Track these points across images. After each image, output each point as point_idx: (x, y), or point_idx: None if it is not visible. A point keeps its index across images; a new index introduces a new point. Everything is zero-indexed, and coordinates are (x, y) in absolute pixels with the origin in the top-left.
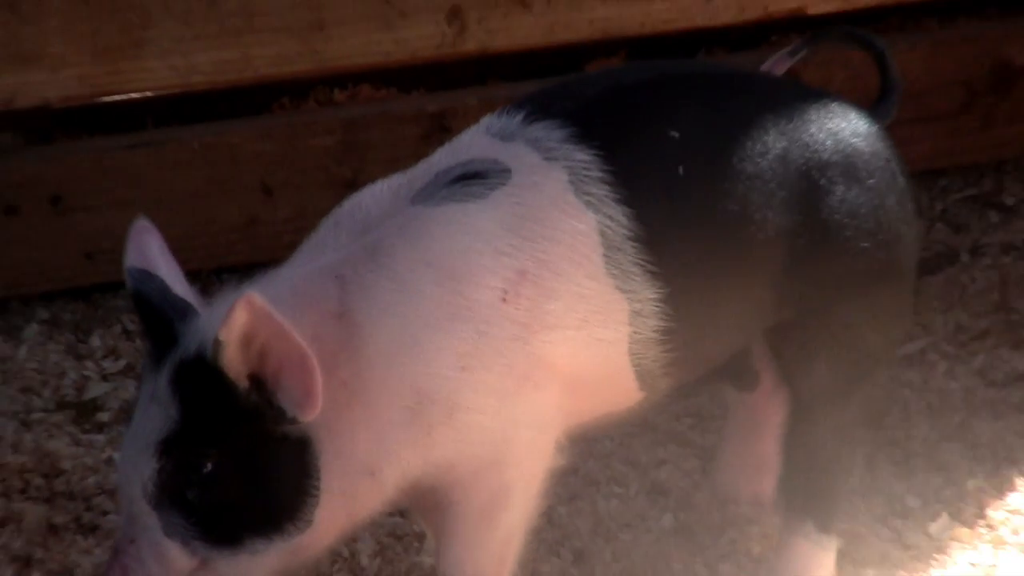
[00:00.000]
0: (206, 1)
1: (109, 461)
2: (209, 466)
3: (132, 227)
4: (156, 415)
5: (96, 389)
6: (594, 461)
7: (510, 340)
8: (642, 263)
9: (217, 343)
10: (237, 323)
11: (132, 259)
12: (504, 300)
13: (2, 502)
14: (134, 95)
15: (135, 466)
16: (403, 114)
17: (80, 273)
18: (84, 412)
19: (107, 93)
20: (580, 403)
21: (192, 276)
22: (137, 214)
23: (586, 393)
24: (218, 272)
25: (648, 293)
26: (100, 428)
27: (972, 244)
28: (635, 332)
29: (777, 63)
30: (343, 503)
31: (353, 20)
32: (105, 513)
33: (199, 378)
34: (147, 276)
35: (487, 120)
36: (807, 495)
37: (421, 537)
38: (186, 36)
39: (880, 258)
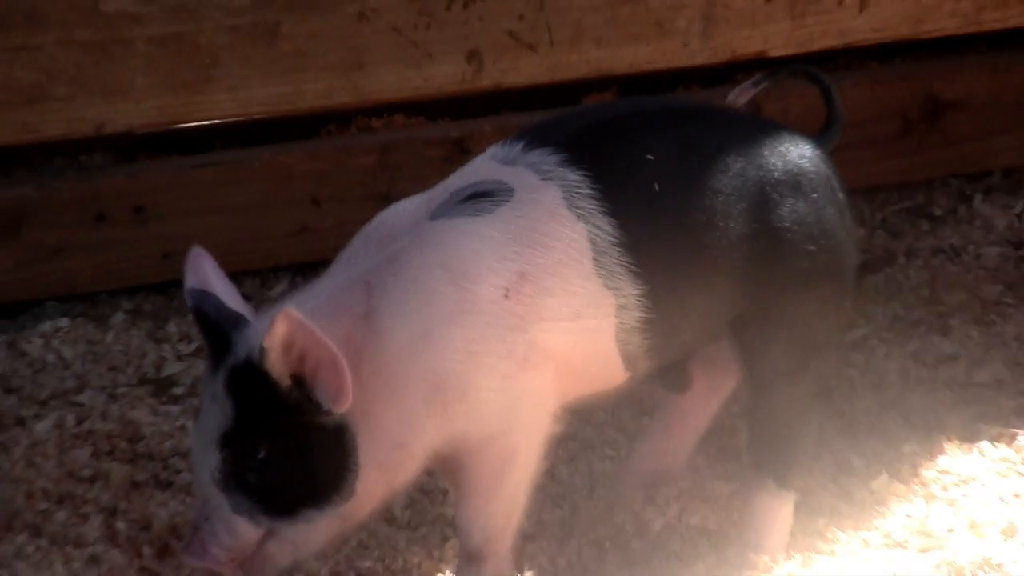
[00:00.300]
0: (264, 44)
1: (182, 428)
2: (263, 453)
3: (189, 254)
4: (216, 413)
5: (172, 368)
6: (590, 428)
7: (511, 330)
8: (626, 264)
9: (262, 350)
10: (278, 333)
11: (191, 281)
12: (506, 297)
13: (93, 462)
14: (204, 123)
15: (203, 457)
16: (429, 139)
17: (159, 271)
18: (162, 387)
19: (181, 121)
20: (574, 382)
21: (253, 273)
22: (206, 221)
23: (580, 374)
24: (274, 270)
25: (631, 289)
26: (175, 400)
27: (907, 248)
28: (621, 323)
29: (742, 92)
30: (380, 474)
31: (388, 61)
32: (179, 472)
33: (249, 380)
34: (204, 295)
35: (493, 149)
36: (768, 457)
37: (445, 492)
38: (248, 74)
39: (823, 259)
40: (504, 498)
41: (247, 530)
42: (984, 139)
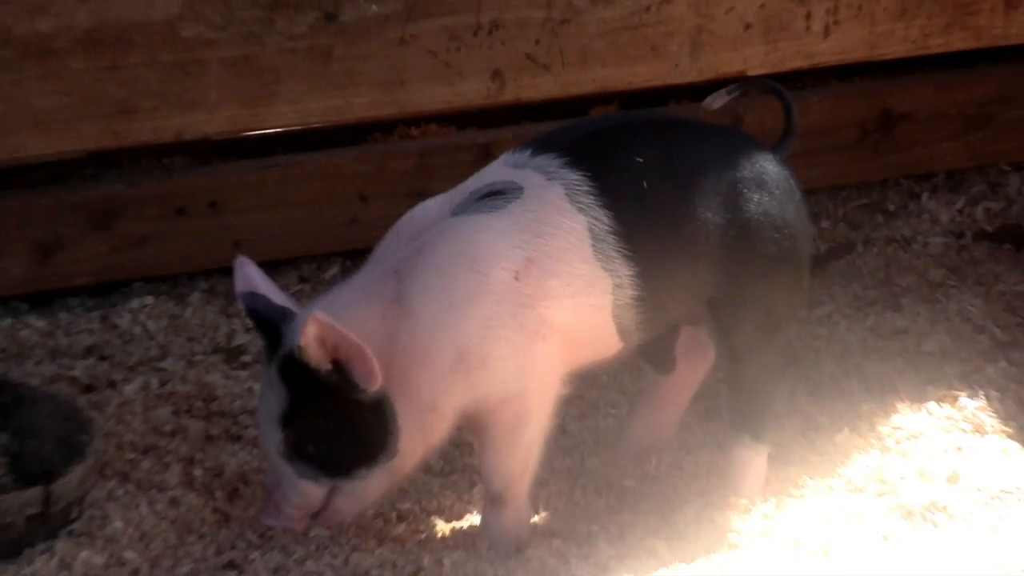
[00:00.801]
0: (319, 65)
1: (249, 390)
2: (316, 427)
3: (235, 264)
4: (273, 398)
5: (241, 338)
6: (595, 391)
7: (521, 307)
8: (620, 250)
9: (300, 348)
10: (309, 334)
11: (240, 286)
12: (516, 279)
13: (173, 419)
14: (268, 131)
15: (269, 436)
16: (460, 145)
17: (229, 256)
18: (232, 355)
19: (249, 129)
20: (578, 351)
21: (310, 258)
22: (270, 215)
23: (582, 344)
24: (328, 255)
25: (625, 271)
26: (244, 366)
27: (865, 238)
28: (616, 300)
29: (718, 98)
30: (418, 434)
31: (425, 79)
32: (247, 427)
33: (296, 368)
34: (253, 296)
35: (505, 155)
36: (744, 416)
37: (471, 445)
38: (305, 90)
39: (785, 246)
40: (520, 450)
41: (312, 491)
42: (930, 146)
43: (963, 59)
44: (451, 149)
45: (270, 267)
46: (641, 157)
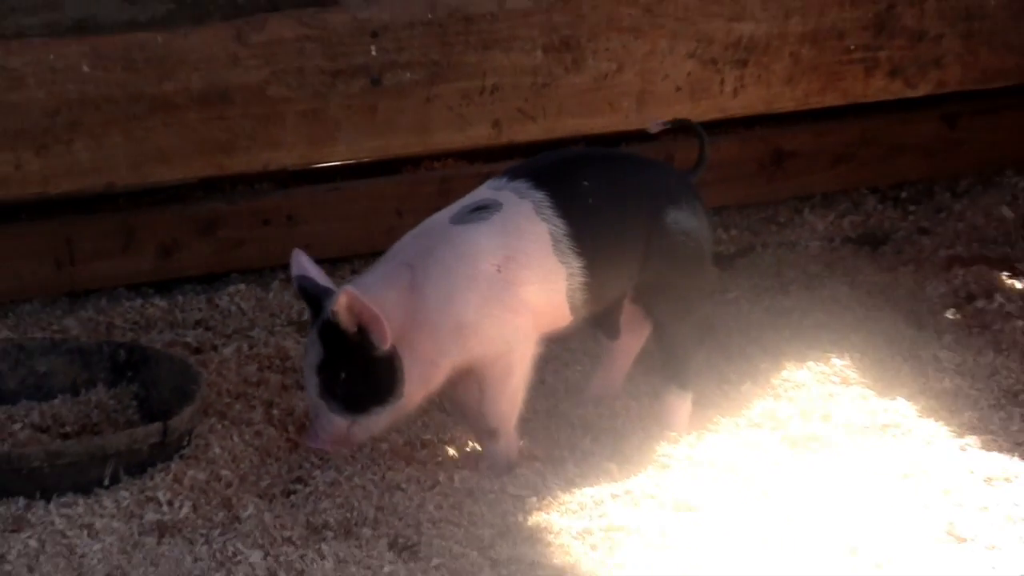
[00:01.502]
0: (368, 115)
1: None
2: (343, 375)
3: (292, 254)
4: (314, 352)
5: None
6: (567, 352)
7: (504, 291)
8: (572, 248)
9: (333, 313)
10: (341, 303)
11: (294, 270)
12: (499, 270)
13: (258, 373)
14: (330, 163)
15: (310, 379)
16: (470, 175)
17: None
18: (302, 326)
19: (316, 162)
20: (543, 322)
21: (359, 257)
22: (331, 225)
23: (545, 317)
24: (374, 254)
25: (576, 264)
26: None
27: (762, 242)
28: (569, 285)
29: (655, 125)
30: (420, 381)
31: (444, 127)
32: None
33: (331, 330)
34: (303, 278)
35: (489, 181)
36: (671, 371)
37: None
38: (358, 134)
39: (691, 247)
40: (508, 395)
41: (339, 422)
42: (810, 175)
43: (834, 112)
44: (463, 177)
45: (330, 263)
46: (588, 181)
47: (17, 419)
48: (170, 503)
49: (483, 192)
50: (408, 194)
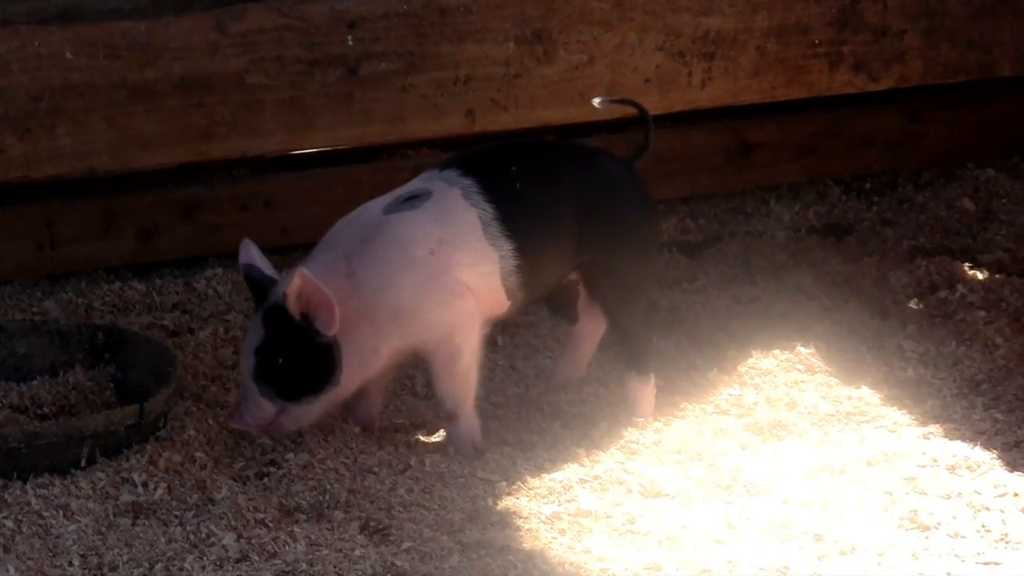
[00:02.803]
0: (345, 104)
1: None
2: (280, 360)
3: (241, 244)
4: (255, 334)
5: None
6: (537, 339)
7: (439, 274)
8: (502, 232)
9: (284, 295)
10: (295, 284)
11: (242, 258)
12: (432, 254)
13: (233, 356)
14: (307, 151)
15: (247, 361)
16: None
17: (278, 240)
18: None
19: (294, 149)
20: (482, 307)
21: None
22: (308, 211)
23: (483, 300)
24: None
25: (507, 247)
26: None
27: (730, 232)
28: (502, 268)
29: (603, 102)
30: (358, 368)
31: (419, 116)
32: None
33: (276, 315)
34: (250, 267)
35: (423, 173)
36: (629, 357)
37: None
38: (334, 122)
39: (629, 231)
40: (458, 376)
41: (267, 406)
42: (775, 166)
43: (799, 105)
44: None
45: (306, 248)
46: (516, 167)
47: None
48: (145, 485)
49: (415, 183)
50: (384, 181)
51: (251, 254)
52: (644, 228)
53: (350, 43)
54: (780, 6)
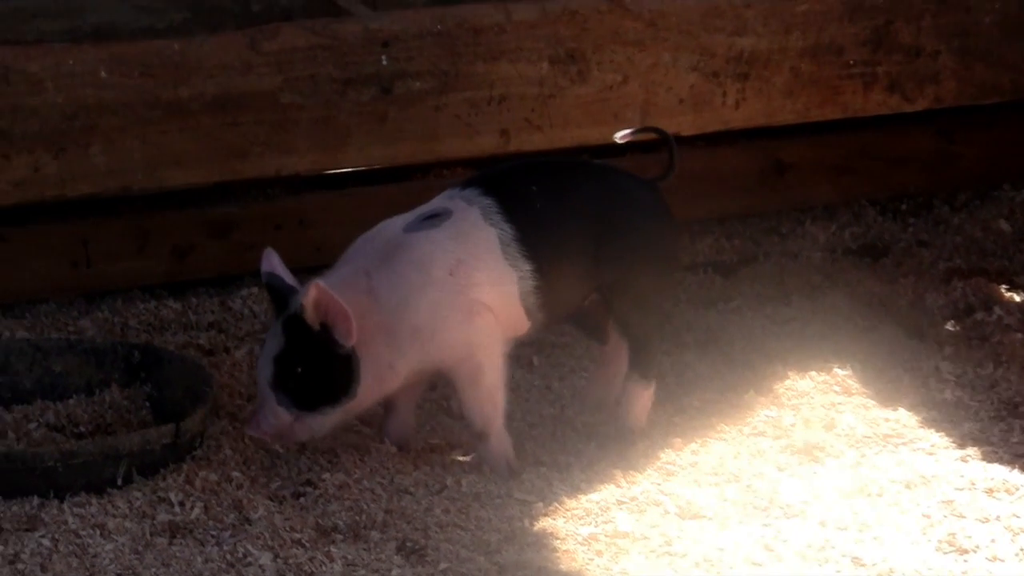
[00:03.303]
0: (378, 124)
1: None
2: (299, 369)
3: (264, 253)
4: (274, 342)
5: None
6: (573, 359)
7: (457, 294)
8: (521, 252)
9: (301, 307)
10: (311, 296)
11: (264, 267)
12: (451, 274)
13: None
14: (341, 170)
15: (264, 369)
16: None
17: (313, 258)
18: None
19: (328, 168)
20: (504, 326)
21: None
22: (342, 229)
23: (503, 320)
24: None
25: (526, 267)
26: None
27: (764, 252)
28: (521, 288)
29: (625, 135)
30: (375, 384)
31: (452, 135)
32: None
33: (295, 324)
34: (271, 275)
35: (445, 191)
36: (635, 360)
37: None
38: (368, 141)
39: (647, 250)
40: (483, 395)
41: (284, 415)
42: (810, 186)
43: (833, 125)
44: None
45: None
46: (536, 187)
47: (32, 418)
48: (182, 504)
49: (437, 201)
50: (417, 201)
51: (273, 263)
52: (663, 250)
53: (384, 62)
54: (814, 26)
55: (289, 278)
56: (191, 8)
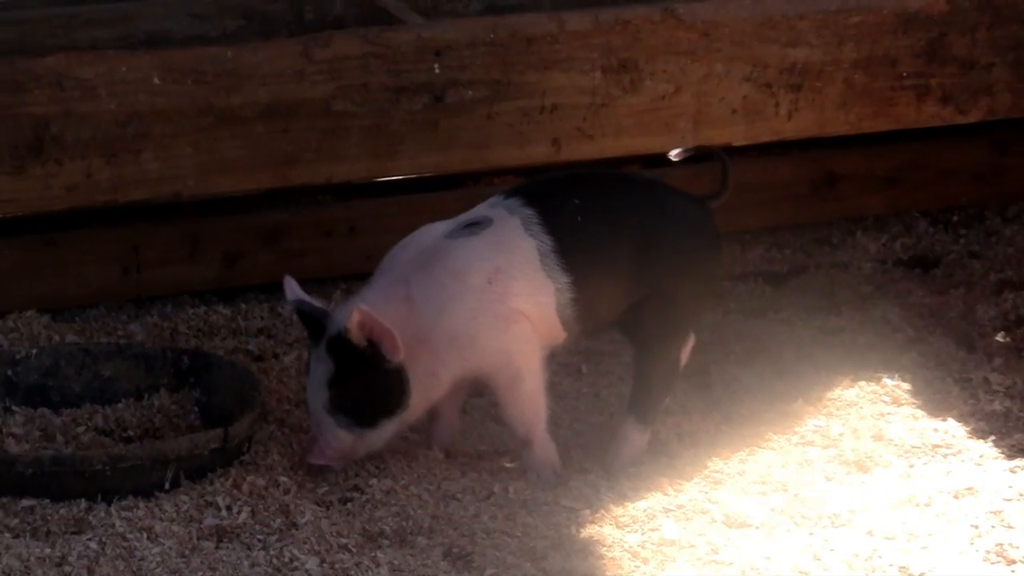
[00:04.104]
0: (430, 131)
1: None
2: (354, 388)
3: (284, 281)
4: (321, 368)
5: None
6: (621, 367)
7: (495, 302)
8: (559, 264)
9: (347, 329)
10: (354, 319)
11: (290, 295)
12: (489, 283)
13: None
14: (392, 177)
15: (316, 395)
16: None
17: (363, 266)
18: None
19: (379, 176)
20: (540, 335)
21: None
22: (391, 237)
23: (540, 330)
24: None
25: (564, 279)
26: None
27: (815, 263)
28: (558, 300)
29: (679, 153)
30: (423, 394)
31: (504, 143)
32: None
33: (340, 346)
34: (300, 301)
35: (489, 200)
36: (636, 400)
37: None
38: (420, 149)
39: (691, 268)
40: (523, 401)
41: (347, 437)
42: (861, 197)
43: (886, 137)
44: None
45: None
46: (579, 200)
47: (81, 422)
48: (229, 508)
49: (479, 209)
50: (467, 209)
51: (296, 290)
52: (704, 271)
53: (436, 71)
54: (868, 38)
55: (316, 301)
56: (244, 16)
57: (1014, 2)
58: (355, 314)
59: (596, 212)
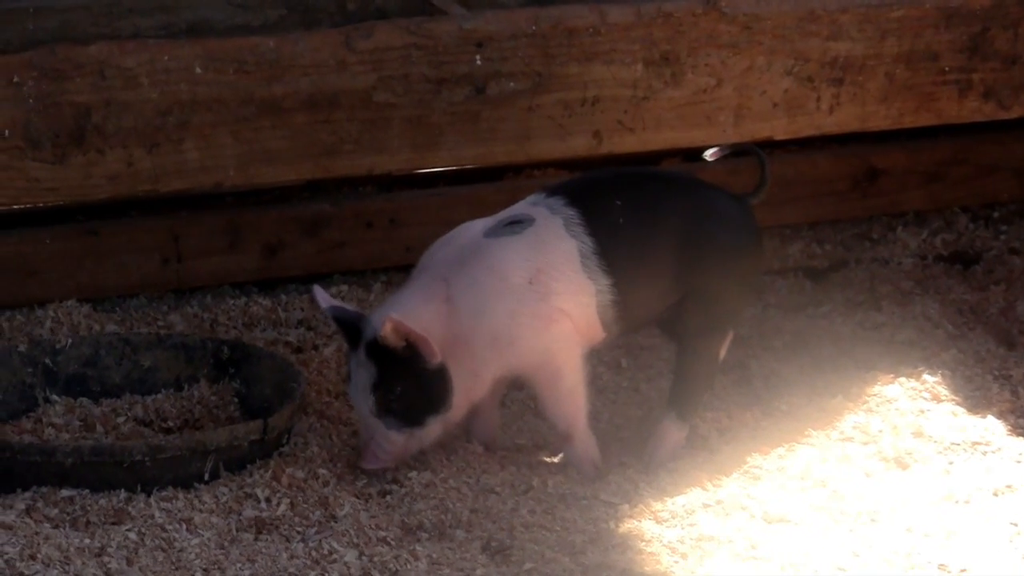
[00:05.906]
0: (471, 123)
1: None
2: (399, 390)
3: (313, 290)
4: (364, 373)
5: None
6: (661, 362)
7: (535, 302)
8: (600, 266)
9: (382, 336)
10: (387, 328)
11: (323, 303)
12: (530, 283)
13: None
14: (433, 169)
15: (362, 400)
16: None
17: (403, 258)
18: None
19: (419, 167)
20: (580, 334)
21: None
22: (433, 229)
23: (580, 329)
24: None
25: (604, 281)
26: None
27: (856, 258)
28: (599, 301)
29: (715, 152)
30: (465, 393)
31: (545, 136)
32: None
33: (379, 350)
34: (333, 307)
35: (529, 197)
36: (677, 397)
37: None
38: (460, 141)
39: (733, 265)
40: (564, 397)
41: (398, 438)
42: (902, 193)
43: (927, 132)
44: None
45: None
46: (621, 200)
47: (121, 412)
48: (268, 500)
49: (520, 207)
50: (508, 201)
51: (327, 297)
52: (742, 265)
53: (478, 62)
54: (909, 32)
55: (349, 306)
56: (286, 6)
57: None
58: (387, 324)
59: (638, 213)
